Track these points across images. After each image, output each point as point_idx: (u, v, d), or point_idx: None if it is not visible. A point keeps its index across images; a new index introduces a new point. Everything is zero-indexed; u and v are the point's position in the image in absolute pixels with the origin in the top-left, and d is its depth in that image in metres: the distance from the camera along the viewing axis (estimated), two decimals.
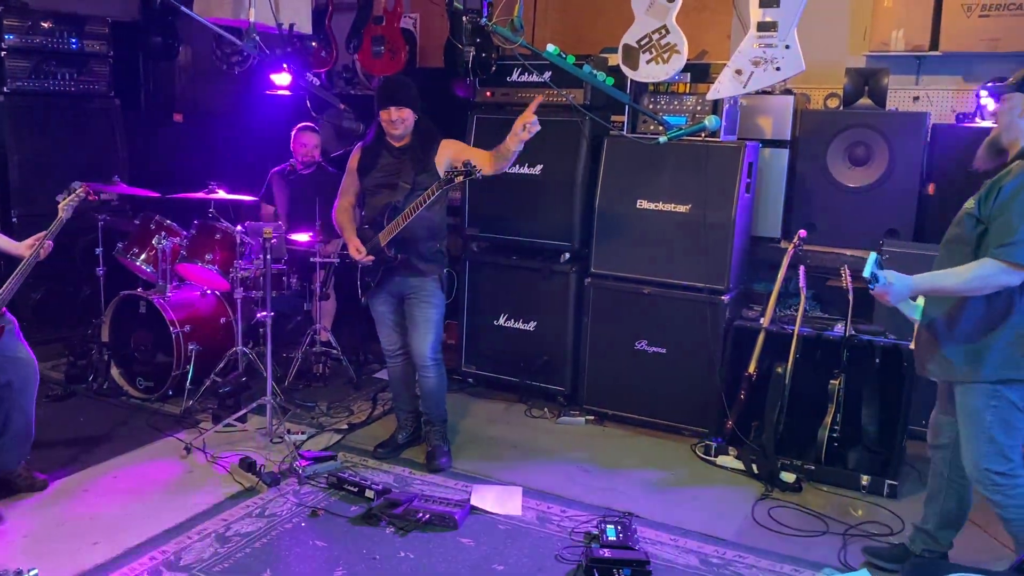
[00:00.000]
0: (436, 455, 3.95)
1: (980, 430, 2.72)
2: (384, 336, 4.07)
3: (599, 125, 4.51)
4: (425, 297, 3.89)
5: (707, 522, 3.51)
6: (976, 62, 4.83)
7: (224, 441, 4.12)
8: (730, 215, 4.24)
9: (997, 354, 2.67)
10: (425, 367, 3.94)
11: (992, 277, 2.58)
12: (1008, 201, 2.58)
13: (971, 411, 2.74)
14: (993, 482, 2.72)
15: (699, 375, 4.34)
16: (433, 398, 4.01)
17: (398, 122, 3.78)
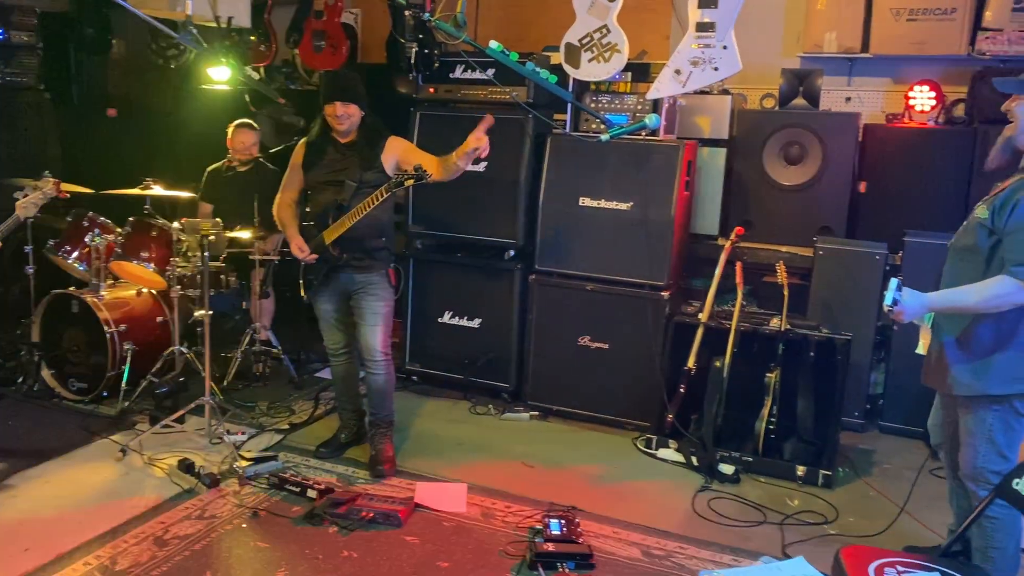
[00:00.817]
0: (380, 459, 3.86)
1: (982, 431, 2.76)
2: (328, 335, 4.02)
3: (542, 123, 4.54)
4: (373, 291, 3.84)
5: (649, 514, 3.56)
6: (904, 64, 5.01)
7: (161, 443, 4.03)
8: (670, 213, 4.31)
9: (1001, 369, 2.68)
10: (374, 362, 3.86)
11: (1010, 296, 2.54)
12: (1005, 213, 2.55)
13: (975, 417, 2.77)
14: (988, 481, 2.75)
15: (641, 370, 4.40)
16: (380, 396, 3.94)
17: (344, 117, 3.74)
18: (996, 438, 2.75)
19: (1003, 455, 2.76)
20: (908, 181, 4.69)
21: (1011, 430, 2.75)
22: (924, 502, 3.71)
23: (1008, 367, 2.68)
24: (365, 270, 3.83)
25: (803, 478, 3.91)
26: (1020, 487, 2.28)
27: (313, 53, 5.33)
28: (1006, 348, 2.67)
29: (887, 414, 4.61)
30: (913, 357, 3.66)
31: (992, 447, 2.76)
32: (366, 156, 3.79)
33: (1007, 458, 2.76)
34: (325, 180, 3.83)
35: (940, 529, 3.48)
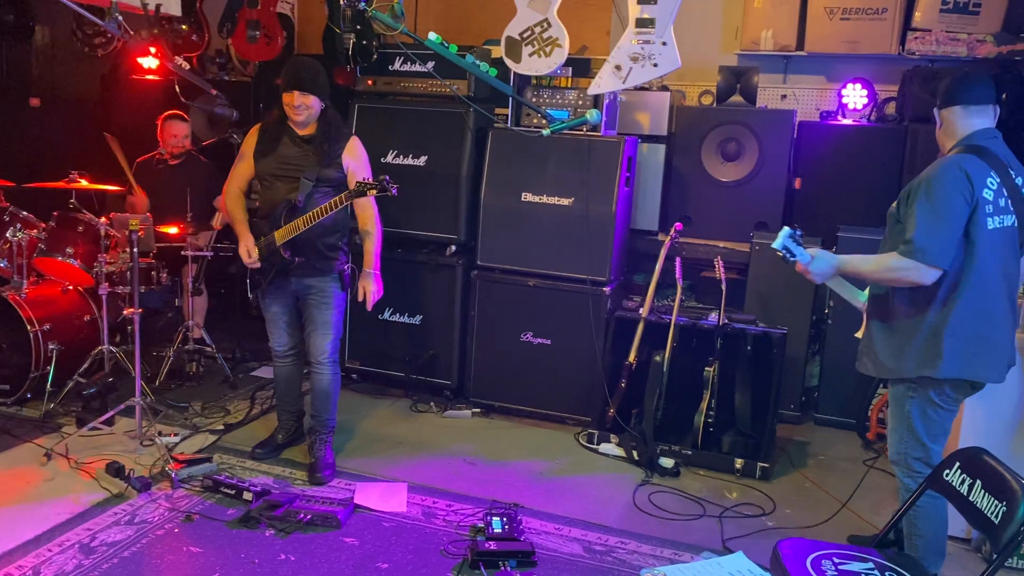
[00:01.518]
0: (319, 466, 3.73)
1: (902, 419, 2.85)
2: (274, 336, 3.87)
3: (484, 117, 4.51)
4: (324, 298, 3.72)
5: (590, 510, 3.57)
6: (838, 63, 5.11)
7: (89, 446, 3.88)
8: (611, 208, 4.32)
9: (914, 352, 2.76)
10: (321, 364, 3.77)
11: (897, 271, 2.67)
12: (914, 200, 2.68)
13: (897, 402, 2.88)
14: (910, 467, 2.84)
15: (582, 365, 4.41)
16: (324, 398, 3.82)
17: (301, 108, 3.56)
18: (915, 425, 2.83)
19: (922, 443, 2.84)
20: (841, 177, 4.79)
21: (928, 419, 2.82)
22: (859, 492, 3.80)
23: (918, 349, 2.76)
24: (317, 274, 3.69)
25: (741, 471, 3.96)
26: (951, 478, 2.33)
27: (247, 43, 5.18)
28: (916, 330, 2.77)
29: (822, 406, 4.71)
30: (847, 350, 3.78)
31: (911, 434, 2.84)
32: (325, 153, 3.61)
33: (927, 446, 2.84)
34: (278, 174, 3.65)
35: (875, 519, 3.56)
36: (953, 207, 2.64)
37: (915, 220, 2.65)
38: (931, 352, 2.73)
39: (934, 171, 2.71)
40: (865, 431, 4.45)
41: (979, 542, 3.38)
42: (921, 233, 2.63)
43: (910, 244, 2.65)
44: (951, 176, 2.66)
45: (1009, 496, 2.06)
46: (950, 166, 2.69)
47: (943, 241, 2.63)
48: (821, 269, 2.83)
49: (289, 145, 3.65)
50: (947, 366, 2.72)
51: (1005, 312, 2.79)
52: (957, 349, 2.71)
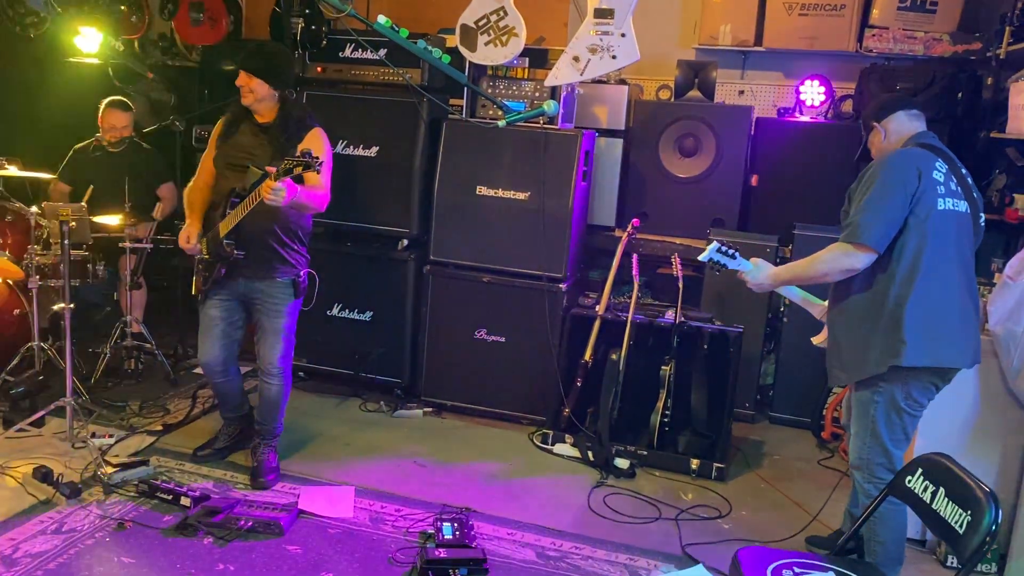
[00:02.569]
0: (262, 471, 3.55)
1: (866, 424, 2.80)
2: (205, 348, 3.55)
3: (438, 107, 4.37)
4: (275, 306, 3.49)
5: (544, 513, 3.47)
6: (795, 59, 5.08)
7: (17, 448, 3.67)
8: (568, 203, 4.22)
9: (877, 345, 2.73)
10: (270, 374, 3.56)
11: (835, 260, 2.72)
12: (857, 190, 2.76)
13: (860, 407, 2.83)
14: (873, 474, 2.80)
15: (537, 363, 4.31)
16: (271, 408, 3.63)
17: (245, 91, 3.39)
18: (879, 430, 2.79)
19: (885, 448, 2.79)
20: (798, 175, 4.77)
21: (892, 424, 2.78)
22: (815, 491, 3.77)
23: (880, 341, 2.73)
24: (266, 277, 3.46)
25: (697, 471, 3.91)
26: (912, 485, 2.28)
27: (190, 26, 4.96)
28: (878, 323, 2.74)
29: (777, 405, 4.68)
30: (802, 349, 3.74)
31: (875, 440, 2.80)
32: (281, 143, 3.40)
33: (890, 452, 2.79)
34: (231, 162, 3.45)
35: (832, 520, 3.52)
36: (895, 191, 2.68)
37: (858, 204, 2.71)
38: (893, 339, 2.70)
39: (882, 160, 2.80)
40: (820, 430, 4.43)
41: (934, 544, 3.37)
42: (860, 213, 2.69)
43: (849, 225, 2.71)
44: (898, 162, 2.74)
45: (973, 505, 2.01)
46: (898, 154, 2.80)
47: (881, 221, 2.67)
48: (756, 279, 2.94)
49: (247, 134, 3.48)
50: (911, 351, 2.66)
51: (963, 297, 2.77)
52: (918, 332, 2.68)
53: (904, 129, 2.88)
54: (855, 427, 2.87)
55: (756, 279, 2.94)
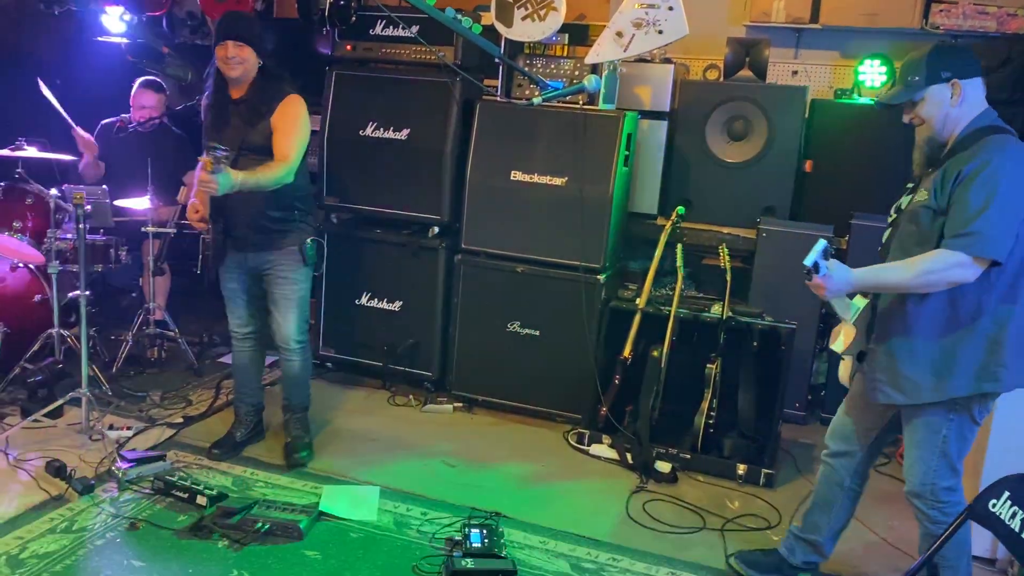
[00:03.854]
0: (297, 447, 3.55)
1: (934, 445, 2.49)
2: (233, 315, 3.58)
3: (472, 88, 4.15)
4: (283, 273, 3.43)
5: (579, 520, 3.25)
6: (854, 36, 4.75)
7: (33, 440, 3.55)
8: (608, 190, 3.98)
9: (968, 366, 2.40)
10: (289, 351, 3.53)
11: (946, 272, 2.28)
12: (966, 186, 2.29)
13: (927, 427, 2.49)
14: (938, 499, 2.50)
15: (573, 359, 4.08)
16: (297, 384, 3.62)
17: (235, 61, 3.21)
18: (950, 450, 2.48)
19: (955, 468, 2.51)
20: (856, 161, 4.45)
21: (964, 440, 2.50)
22: (870, 503, 3.49)
23: (971, 363, 2.39)
24: (269, 248, 3.40)
25: (744, 477, 3.66)
26: (998, 510, 2.01)
27: (215, 2, 4.78)
28: (968, 341, 2.39)
29: (829, 405, 4.39)
30: None
31: (945, 461, 2.49)
32: (254, 115, 3.26)
33: (958, 472, 2.51)
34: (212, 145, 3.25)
35: (890, 535, 3.26)
36: (1020, 195, 2.29)
37: (970, 206, 2.27)
38: (990, 361, 2.37)
39: (1003, 150, 2.31)
40: None
41: (1005, 563, 3.08)
42: (983, 220, 2.25)
43: (966, 234, 2.26)
44: (1019, 161, 2.31)
45: None
46: (1019, 149, 2.34)
47: (1005, 231, 2.27)
48: (837, 285, 2.37)
49: (221, 111, 3.33)
50: (1011, 377, 2.38)
51: None
52: (1017, 355, 2.37)
53: (980, 102, 2.42)
54: (917, 451, 2.52)
55: (834, 285, 2.36)
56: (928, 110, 2.41)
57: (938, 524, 2.50)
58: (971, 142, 2.37)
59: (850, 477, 2.79)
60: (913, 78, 2.41)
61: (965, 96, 2.39)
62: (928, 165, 2.49)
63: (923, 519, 2.55)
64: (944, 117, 2.41)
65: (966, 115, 2.41)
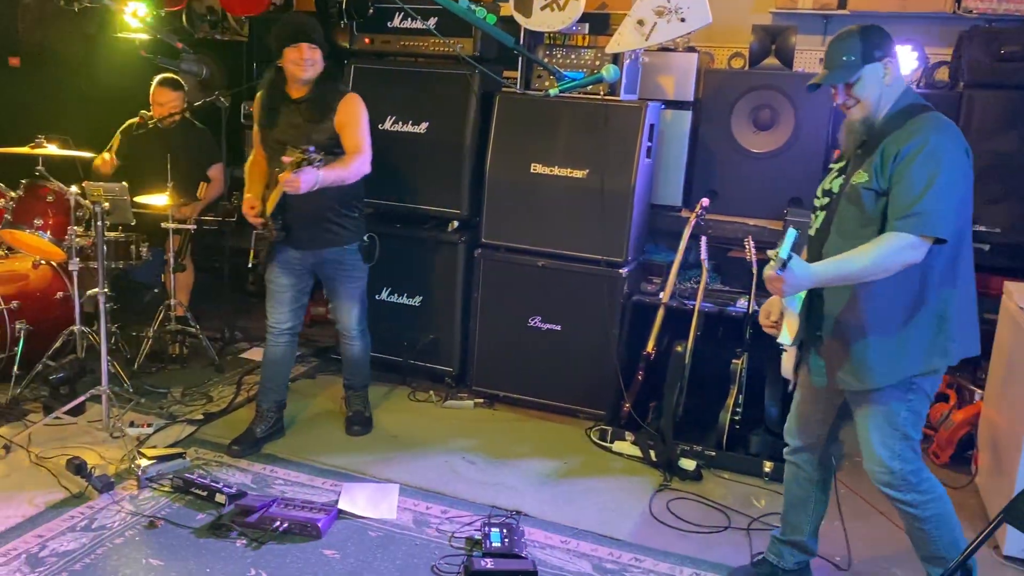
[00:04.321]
0: (357, 420, 3.81)
1: (894, 429, 2.44)
2: (274, 310, 3.60)
3: (491, 80, 4.09)
4: (346, 271, 3.60)
5: (602, 519, 3.20)
6: (884, 22, 4.49)
7: (54, 437, 3.56)
8: (630, 182, 3.90)
9: (920, 345, 2.38)
10: (351, 337, 3.74)
11: (899, 254, 2.24)
12: (907, 165, 2.26)
13: (884, 410, 2.44)
14: (907, 482, 2.46)
15: (595, 354, 4.02)
16: (358, 366, 3.84)
17: (309, 63, 3.33)
18: (910, 431, 2.45)
19: (916, 450, 2.48)
20: None
21: (919, 418, 2.47)
22: None
23: (923, 342, 2.37)
24: (332, 245, 3.51)
25: (770, 475, 3.57)
26: None
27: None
28: (918, 320, 2.36)
29: None
30: None
31: (907, 443, 2.45)
32: (315, 115, 3.39)
33: (918, 452, 2.48)
34: (275, 142, 3.42)
35: None
36: (963, 172, 2.30)
37: (914, 186, 2.24)
38: (941, 339, 2.37)
39: (940, 128, 2.31)
40: None
41: None
42: (929, 200, 2.22)
43: (913, 215, 2.22)
44: (958, 135, 2.33)
45: None
46: (951, 125, 2.35)
47: (949, 208, 2.24)
48: (798, 282, 2.25)
49: (286, 112, 3.42)
50: (958, 348, 2.39)
51: None
52: (963, 327, 2.39)
53: (903, 79, 2.42)
54: (876, 436, 2.45)
55: (796, 281, 2.24)
56: (864, 90, 2.38)
57: (920, 507, 2.48)
58: (902, 120, 2.36)
59: (816, 469, 2.75)
60: (849, 58, 2.37)
61: (895, 75, 2.39)
62: (859, 146, 2.44)
63: (904, 507, 2.50)
64: (879, 96, 2.39)
65: (895, 93, 2.40)
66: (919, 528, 2.53)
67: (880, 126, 2.39)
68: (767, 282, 2.28)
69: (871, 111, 2.40)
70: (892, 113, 2.39)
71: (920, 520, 2.51)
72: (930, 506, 2.50)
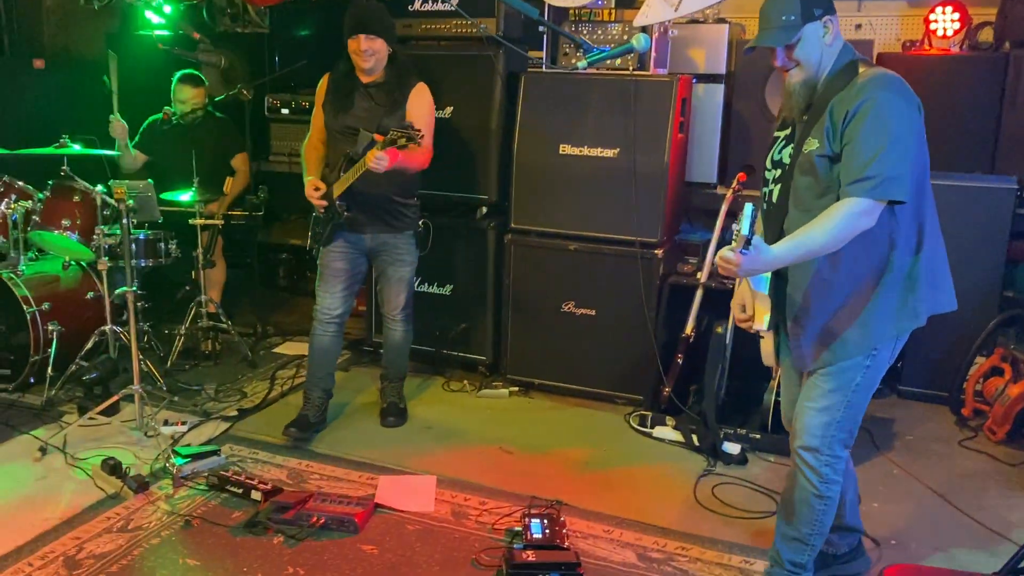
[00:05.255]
0: (391, 412, 3.78)
1: (844, 395, 2.32)
2: (325, 296, 3.59)
3: (516, 60, 3.99)
4: (400, 256, 3.62)
5: (645, 507, 3.10)
6: None
7: (89, 437, 3.54)
8: (663, 159, 3.78)
9: (888, 310, 2.25)
10: (395, 320, 3.73)
11: (854, 221, 2.11)
12: (855, 127, 2.13)
13: (841, 377, 2.31)
14: (834, 454, 2.36)
15: (632, 338, 3.91)
16: (398, 352, 3.82)
17: (368, 53, 3.34)
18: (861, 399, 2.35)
19: (857, 420, 2.38)
20: (929, 115, 4.12)
21: (871, 387, 2.36)
22: (958, 481, 3.27)
23: (892, 304, 2.26)
24: (392, 230, 3.57)
25: None
26: None
27: None
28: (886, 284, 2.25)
29: (907, 377, 4.15)
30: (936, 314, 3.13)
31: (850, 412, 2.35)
32: (390, 101, 3.44)
33: (853, 434, 2.40)
34: (342, 126, 3.46)
35: (979, 513, 3.04)
36: (914, 128, 2.17)
37: (864, 149, 2.10)
38: (910, 300, 2.27)
39: (887, 83, 2.16)
40: (959, 406, 3.89)
41: None
42: (881, 162, 2.08)
43: (866, 179, 2.09)
44: (907, 90, 2.19)
45: None
46: (900, 80, 2.19)
47: (903, 169, 2.12)
48: (753, 264, 2.08)
49: (356, 98, 3.47)
50: (926, 308, 2.29)
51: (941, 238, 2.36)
52: (934, 285, 2.29)
53: (840, 35, 2.28)
54: (820, 402, 2.34)
55: (751, 264, 2.08)
56: (805, 51, 2.24)
57: (829, 485, 2.38)
58: (844, 79, 2.21)
59: None
60: (788, 18, 2.22)
61: (835, 32, 2.26)
62: (804, 111, 2.30)
63: (812, 476, 2.38)
64: (820, 56, 2.26)
65: (835, 52, 2.27)
66: (807, 503, 2.41)
67: (823, 88, 2.25)
68: (720, 264, 2.10)
69: (812, 73, 2.26)
70: (834, 73, 2.25)
71: (819, 497, 2.39)
72: (835, 488, 2.40)
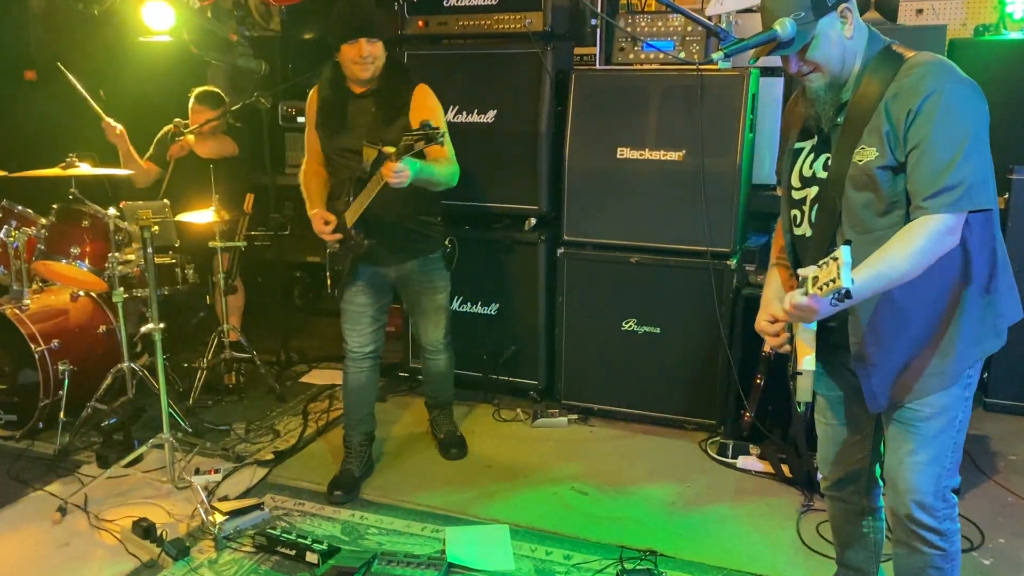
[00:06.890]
0: (451, 442, 3.49)
1: (949, 436, 1.98)
2: (355, 334, 3.21)
3: (565, 57, 3.65)
4: (430, 282, 3.27)
5: (749, 553, 2.77)
6: None
7: (113, 492, 3.17)
8: (735, 161, 3.45)
9: (969, 331, 1.92)
10: (436, 351, 3.43)
11: (939, 243, 1.78)
12: (922, 126, 1.78)
13: (941, 416, 1.97)
14: (950, 504, 2.02)
15: (702, 356, 3.59)
16: (443, 381, 3.52)
17: (368, 60, 2.92)
18: (961, 438, 2.01)
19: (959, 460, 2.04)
20: (1007, 104, 3.81)
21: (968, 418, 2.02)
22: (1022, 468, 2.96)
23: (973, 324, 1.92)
24: (417, 255, 3.17)
25: None
26: None
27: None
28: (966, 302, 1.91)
29: (994, 388, 3.85)
30: None
31: (957, 455, 2.01)
32: (389, 110, 3.00)
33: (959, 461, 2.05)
34: (342, 149, 3.02)
35: None
36: (985, 131, 1.82)
37: (938, 154, 1.76)
38: (989, 316, 1.94)
39: (951, 81, 1.80)
40: None
41: None
42: (963, 168, 1.75)
43: (946, 190, 1.75)
44: (970, 81, 1.83)
45: None
46: (960, 71, 1.84)
47: (987, 171, 1.81)
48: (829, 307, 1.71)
49: (351, 113, 3.04)
50: (1004, 322, 1.98)
51: None
52: (1007, 294, 1.97)
53: (861, 20, 1.94)
54: (918, 454, 1.97)
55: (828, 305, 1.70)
56: (822, 51, 1.89)
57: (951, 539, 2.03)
58: (888, 69, 1.86)
59: (867, 497, 2.28)
60: (797, 15, 1.85)
61: (855, 22, 1.91)
62: (837, 114, 1.94)
63: (933, 538, 2.01)
64: (842, 53, 1.90)
65: (861, 42, 1.92)
66: (934, 568, 2.05)
67: (862, 85, 1.89)
68: (793, 311, 1.76)
69: (835, 73, 1.91)
70: (870, 66, 1.90)
71: (945, 556, 2.04)
72: (957, 538, 2.06)
